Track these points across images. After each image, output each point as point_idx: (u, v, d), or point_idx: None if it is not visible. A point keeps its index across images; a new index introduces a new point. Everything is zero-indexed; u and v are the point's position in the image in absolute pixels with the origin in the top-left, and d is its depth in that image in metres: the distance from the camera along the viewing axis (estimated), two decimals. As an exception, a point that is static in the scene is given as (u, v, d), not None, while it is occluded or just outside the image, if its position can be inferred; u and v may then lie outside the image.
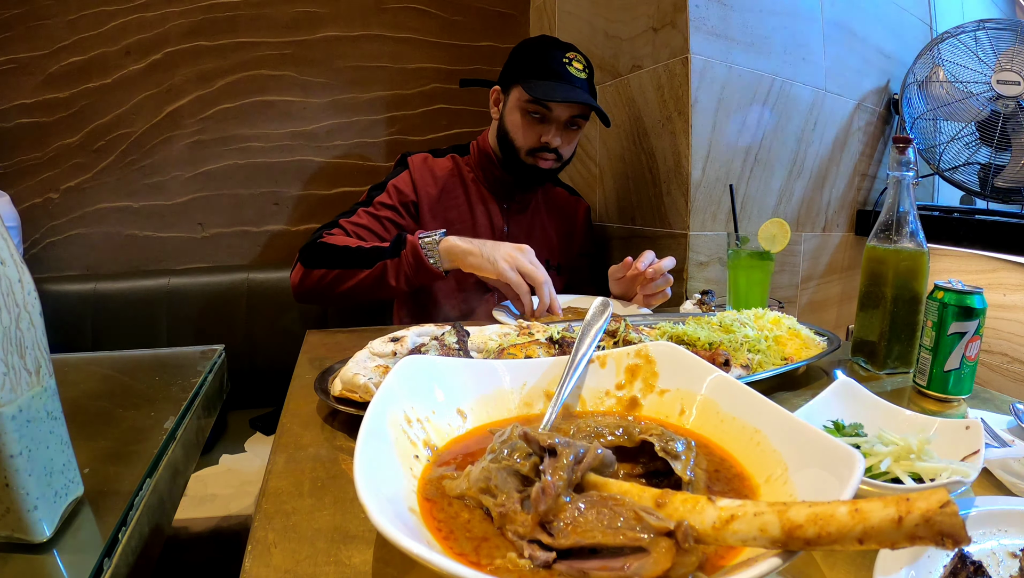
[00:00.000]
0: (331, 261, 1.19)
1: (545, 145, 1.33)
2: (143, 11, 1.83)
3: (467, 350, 0.74)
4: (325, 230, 1.29)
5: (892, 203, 0.84)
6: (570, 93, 1.28)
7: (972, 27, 1.45)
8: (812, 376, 0.84)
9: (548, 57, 1.31)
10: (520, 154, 1.35)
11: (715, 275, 1.42)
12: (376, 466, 0.39)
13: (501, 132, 1.38)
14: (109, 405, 0.73)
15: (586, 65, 1.34)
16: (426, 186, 1.39)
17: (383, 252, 1.17)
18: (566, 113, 1.31)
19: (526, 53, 1.36)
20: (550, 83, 1.28)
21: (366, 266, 1.16)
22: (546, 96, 1.26)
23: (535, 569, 0.34)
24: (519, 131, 1.34)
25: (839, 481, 0.36)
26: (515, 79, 1.33)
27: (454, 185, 1.42)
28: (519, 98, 1.32)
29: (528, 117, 1.32)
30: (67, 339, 1.65)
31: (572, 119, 1.33)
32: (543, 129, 1.33)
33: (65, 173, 1.84)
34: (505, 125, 1.36)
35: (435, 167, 1.42)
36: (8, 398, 0.41)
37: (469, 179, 1.43)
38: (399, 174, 1.40)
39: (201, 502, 1.33)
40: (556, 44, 1.35)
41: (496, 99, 1.41)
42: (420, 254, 1.14)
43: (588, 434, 0.46)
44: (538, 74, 1.30)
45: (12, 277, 0.43)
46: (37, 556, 0.43)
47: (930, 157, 1.55)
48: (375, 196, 1.36)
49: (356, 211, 1.34)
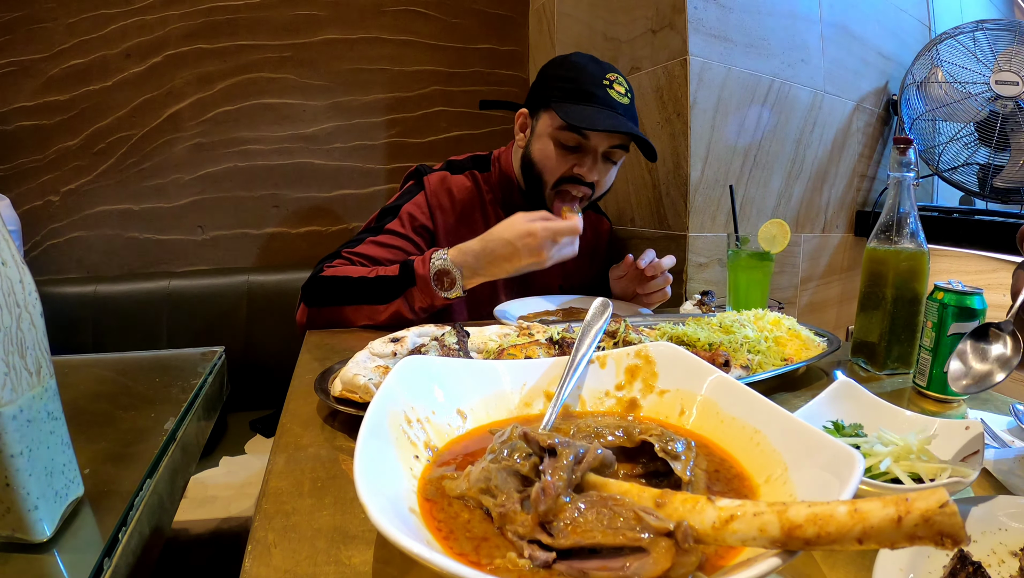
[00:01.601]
0: (336, 296, 1.06)
1: (577, 177, 1.17)
2: (143, 14, 1.84)
3: (467, 350, 0.74)
4: (326, 264, 1.14)
5: (893, 204, 0.84)
6: (614, 121, 1.11)
7: (970, 28, 1.46)
8: (812, 376, 0.84)
9: (586, 79, 1.15)
10: (546, 188, 1.20)
11: (715, 276, 1.42)
12: (376, 466, 0.39)
13: (526, 161, 1.21)
14: (109, 406, 0.73)
15: (628, 89, 1.17)
16: (443, 212, 1.24)
17: (392, 283, 1.04)
18: (605, 144, 1.15)
19: (560, 72, 1.18)
20: (590, 108, 1.12)
21: (377, 301, 1.04)
22: (587, 124, 1.10)
23: (535, 569, 0.34)
24: (548, 161, 1.18)
25: (839, 481, 0.36)
26: (547, 102, 1.16)
27: (473, 209, 1.27)
28: (551, 124, 1.16)
29: (560, 147, 1.16)
30: (67, 341, 1.65)
31: (610, 150, 1.17)
32: (576, 159, 1.17)
33: (65, 176, 1.84)
34: (532, 154, 1.20)
35: (453, 187, 1.26)
36: (9, 398, 0.41)
37: (488, 200, 1.28)
38: (414, 196, 1.24)
39: (201, 504, 1.33)
40: (594, 63, 1.18)
41: (523, 124, 1.24)
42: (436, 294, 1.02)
43: (588, 434, 0.46)
44: (574, 97, 1.13)
45: (13, 278, 0.43)
46: (37, 556, 0.43)
47: (929, 158, 1.55)
48: (386, 222, 1.21)
49: (363, 241, 1.18)
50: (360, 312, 1.04)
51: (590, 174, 1.16)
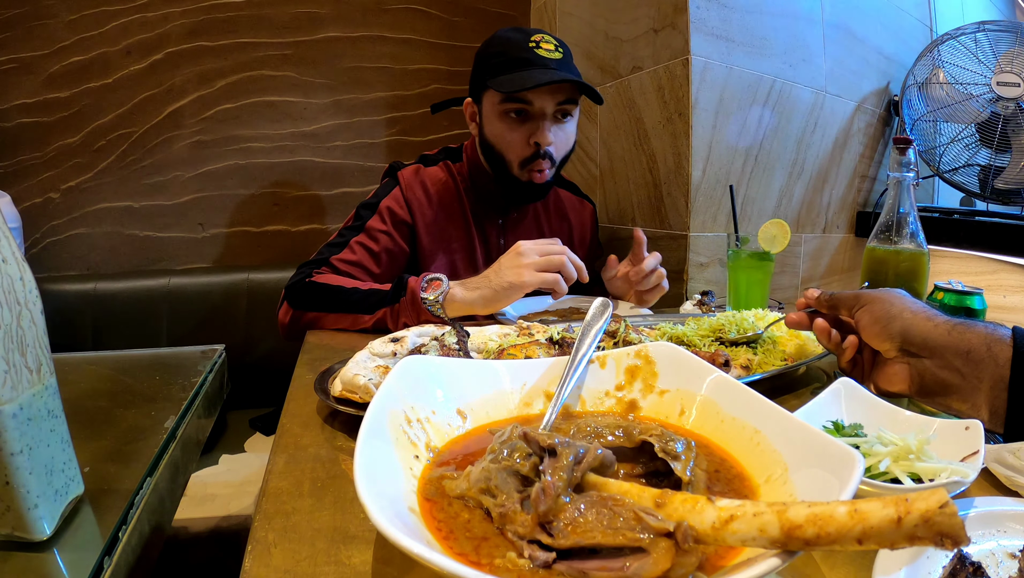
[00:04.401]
0: (323, 304, 1.05)
1: (537, 151, 1.16)
2: (144, 11, 1.83)
3: (467, 350, 0.74)
4: (313, 269, 1.12)
5: (892, 204, 0.84)
6: (546, 76, 1.09)
7: (972, 29, 1.46)
8: (812, 376, 0.84)
9: (512, 47, 1.14)
10: (512, 168, 1.19)
11: (715, 276, 1.42)
12: (376, 466, 0.39)
13: (486, 147, 1.22)
14: (109, 404, 0.73)
15: (558, 44, 1.16)
16: (420, 204, 1.24)
17: (383, 299, 1.02)
18: (550, 103, 1.14)
19: (489, 51, 1.18)
20: (522, 73, 1.11)
21: (364, 312, 1.03)
22: (519, 86, 1.09)
23: (535, 569, 0.34)
24: (503, 140, 1.17)
25: (839, 481, 0.36)
26: (483, 83, 1.17)
27: (450, 199, 1.27)
28: (493, 102, 1.16)
29: (509, 121, 1.16)
30: (67, 339, 1.65)
31: (560, 108, 1.16)
32: (530, 129, 1.16)
33: (65, 173, 1.84)
34: (487, 138, 1.20)
35: (427, 179, 1.26)
36: (9, 396, 0.41)
37: (463, 189, 1.28)
38: (390, 192, 1.24)
39: (201, 502, 1.33)
40: (517, 31, 1.17)
41: (472, 113, 1.25)
42: (426, 314, 1.00)
43: (588, 434, 0.46)
44: (506, 68, 1.13)
45: (13, 275, 0.43)
46: (37, 554, 0.43)
47: (930, 159, 1.55)
48: (367, 219, 1.21)
49: (348, 243, 1.18)
50: (344, 318, 1.04)
51: (546, 138, 1.15)
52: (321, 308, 1.05)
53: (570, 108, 1.18)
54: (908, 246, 0.83)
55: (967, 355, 0.57)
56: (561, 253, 1.02)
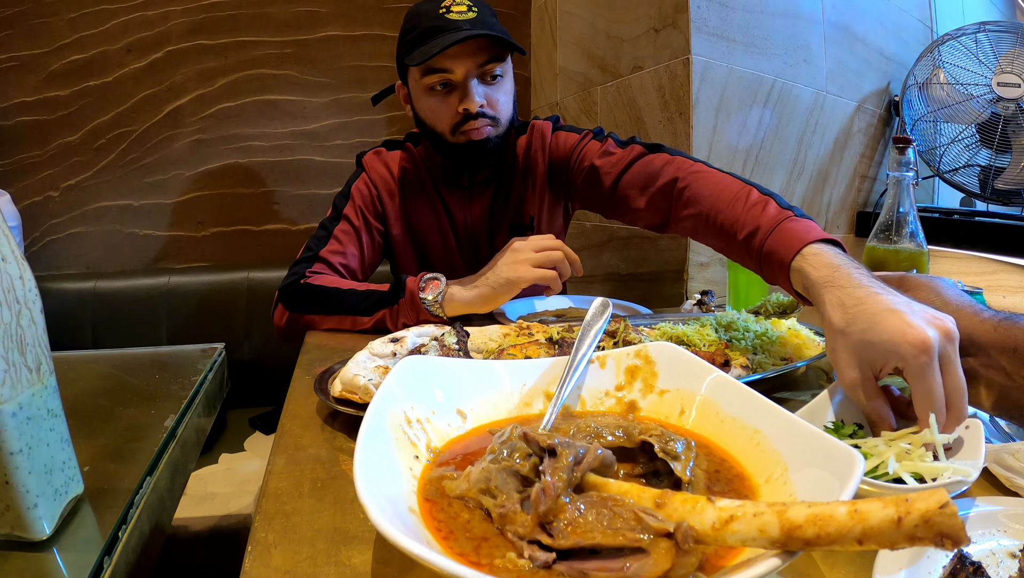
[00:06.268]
0: (320, 306, 1.06)
1: (467, 113, 1.10)
2: (144, 9, 1.83)
3: (467, 351, 0.74)
4: (306, 267, 1.12)
5: (892, 204, 0.84)
6: (451, 38, 1.04)
7: (973, 29, 1.46)
8: (812, 376, 0.84)
9: (423, 18, 1.10)
10: (446, 137, 1.15)
11: (715, 276, 1.42)
12: (376, 467, 0.39)
13: (421, 126, 1.19)
14: (109, 403, 0.73)
15: (471, 5, 1.10)
16: (384, 184, 1.25)
17: (382, 300, 1.02)
18: (472, 66, 1.08)
19: (404, 28, 1.15)
20: (434, 40, 1.07)
21: (362, 313, 1.03)
22: (428, 55, 1.04)
23: (535, 569, 0.34)
24: (433, 114, 1.14)
25: (839, 481, 0.36)
26: (403, 62, 1.14)
27: (412, 178, 1.26)
28: (415, 79, 1.13)
29: (435, 95, 1.11)
30: (67, 337, 1.65)
31: (484, 70, 1.10)
32: (457, 98, 1.11)
33: (65, 171, 1.84)
34: (421, 116, 1.17)
35: (388, 161, 1.27)
36: (8, 395, 0.41)
37: (422, 169, 1.27)
38: (358, 177, 1.25)
39: (201, 501, 1.33)
40: (428, 1, 1.12)
41: (404, 96, 1.22)
42: (425, 314, 1.00)
43: (588, 435, 0.46)
44: (419, 41, 1.09)
45: (13, 274, 0.43)
46: (37, 554, 0.43)
47: (930, 159, 1.55)
48: (343, 208, 1.21)
49: (332, 234, 1.18)
50: (343, 320, 1.04)
51: (473, 103, 1.10)
52: (318, 311, 1.06)
53: (496, 66, 1.12)
54: (908, 246, 0.83)
55: (1014, 352, 0.52)
56: (557, 248, 1.02)
